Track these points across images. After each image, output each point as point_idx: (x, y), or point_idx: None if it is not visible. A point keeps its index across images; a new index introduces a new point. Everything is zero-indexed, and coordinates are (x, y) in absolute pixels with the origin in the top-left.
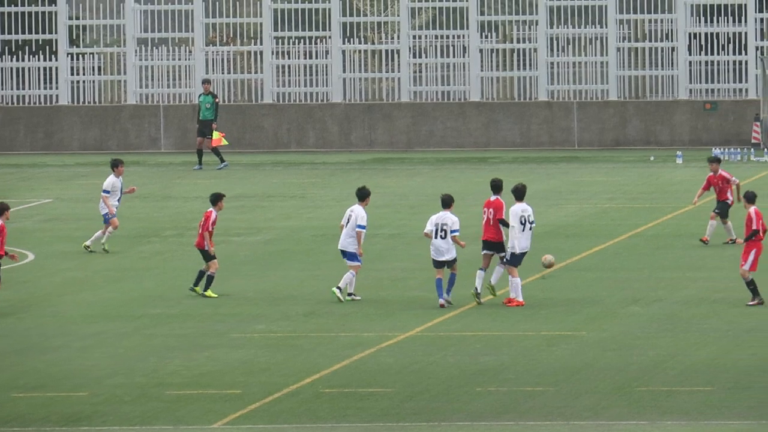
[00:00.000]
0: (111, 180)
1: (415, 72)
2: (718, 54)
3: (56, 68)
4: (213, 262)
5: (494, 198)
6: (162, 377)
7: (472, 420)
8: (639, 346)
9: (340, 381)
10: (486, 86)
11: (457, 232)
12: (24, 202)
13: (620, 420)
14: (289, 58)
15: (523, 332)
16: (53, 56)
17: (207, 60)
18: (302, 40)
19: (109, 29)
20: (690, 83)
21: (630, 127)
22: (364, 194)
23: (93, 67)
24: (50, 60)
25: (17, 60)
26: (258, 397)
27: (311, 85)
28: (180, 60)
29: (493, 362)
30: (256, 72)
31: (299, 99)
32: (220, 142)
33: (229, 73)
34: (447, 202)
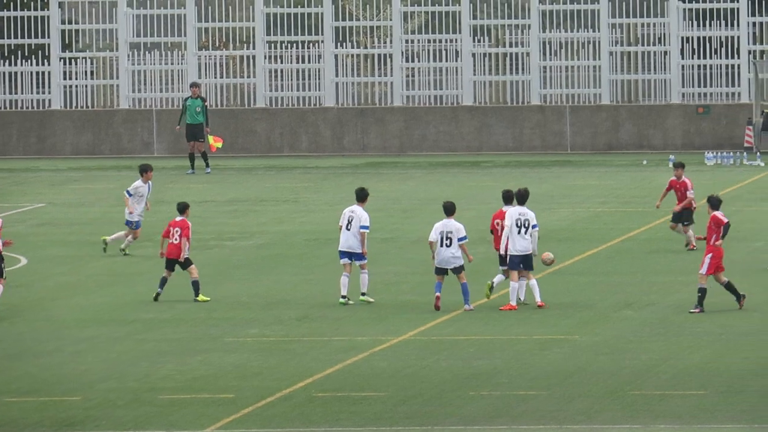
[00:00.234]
0: (137, 183)
1: (408, 76)
2: (711, 58)
3: (49, 73)
4: (192, 268)
5: (506, 208)
6: (155, 382)
7: (465, 424)
8: (632, 350)
9: (333, 385)
10: (479, 90)
11: (466, 239)
12: (17, 207)
13: (613, 424)
14: (282, 63)
15: (516, 336)
16: (46, 61)
17: (199, 64)
18: (295, 45)
19: (102, 34)
20: (683, 87)
21: (623, 131)
22: (365, 195)
23: (86, 72)
24: (43, 64)
25: (10, 64)
26: (251, 402)
27: (304, 90)
28: (172, 64)
29: (486, 366)
30: (249, 76)
31: (292, 103)
32: (215, 147)
33: (222, 78)
34: (450, 210)
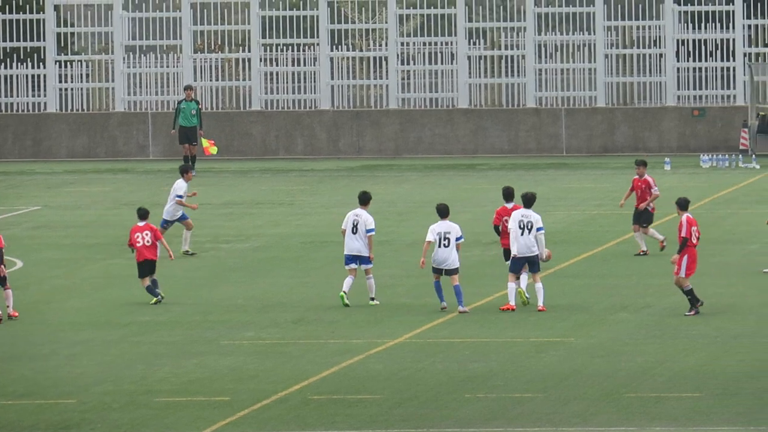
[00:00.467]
0: (182, 184)
1: (403, 79)
2: (706, 60)
3: (44, 76)
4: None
5: (510, 206)
6: (150, 384)
7: (461, 426)
8: (627, 353)
9: (329, 388)
10: (474, 93)
11: (462, 239)
12: (12, 210)
13: (609, 426)
14: (277, 65)
15: (512, 339)
16: (41, 64)
17: (195, 67)
18: (290, 47)
19: (97, 37)
20: (678, 90)
21: (618, 134)
22: (368, 198)
23: (81, 75)
24: (38, 67)
25: (5, 67)
26: (247, 404)
27: (299, 92)
28: (168, 67)
29: (482, 369)
30: (244, 79)
31: (287, 106)
32: (210, 152)
33: (217, 80)
34: (445, 212)
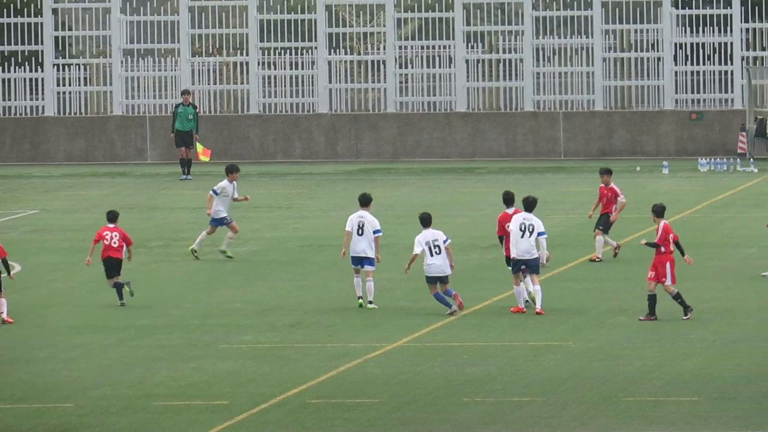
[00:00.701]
0: (223, 183)
1: (401, 82)
2: (704, 64)
3: (42, 79)
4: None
5: (511, 211)
6: (148, 388)
7: (459, 430)
8: (626, 357)
9: (327, 392)
10: (472, 96)
11: (449, 240)
12: (10, 213)
13: (607, 430)
14: (275, 69)
15: (510, 342)
16: (39, 67)
17: (193, 71)
18: (288, 51)
19: (95, 40)
20: (676, 93)
21: (616, 138)
22: (369, 199)
23: (79, 78)
24: (36, 71)
25: (3, 71)
26: (245, 408)
27: (297, 96)
28: (166, 71)
29: (480, 373)
30: (242, 83)
31: (285, 110)
32: (200, 157)
33: (215, 84)
34: (428, 221)
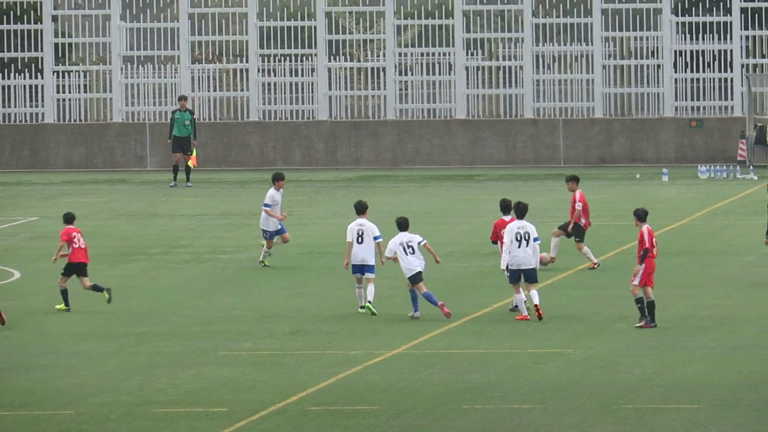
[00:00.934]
0: (271, 193)
1: (401, 89)
2: (704, 71)
3: (42, 86)
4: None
5: (509, 218)
6: (148, 395)
7: None
8: (625, 364)
9: (327, 399)
10: (472, 104)
11: (425, 241)
12: (10, 220)
13: None
14: (275, 76)
15: (510, 350)
16: (39, 74)
17: (193, 78)
18: (288, 58)
19: (95, 47)
20: (676, 101)
21: (616, 145)
22: (366, 207)
23: (79, 85)
24: (36, 78)
25: (3, 78)
26: (244, 415)
27: (297, 103)
28: (166, 78)
29: (480, 380)
30: (242, 90)
31: (285, 116)
32: (190, 163)
33: (215, 91)
34: (405, 225)
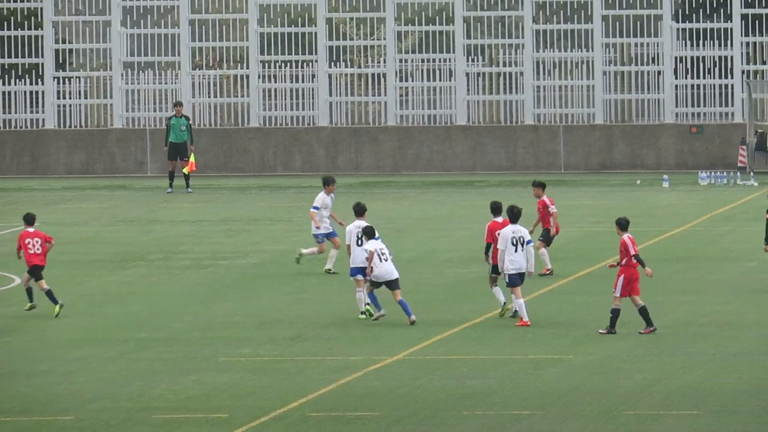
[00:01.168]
0: (321, 196)
1: (402, 96)
2: (705, 78)
3: (43, 92)
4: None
5: (501, 220)
6: (148, 401)
7: None
8: (626, 370)
9: (327, 405)
10: (472, 110)
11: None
12: (10, 227)
13: None
14: (276, 82)
15: (510, 356)
16: (40, 80)
17: (193, 84)
18: (289, 64)
19: (96, 53)
20: (676, 107)
21: (616, 151)
22: (364, 208)
23: (79, 91)
24: (37, 84)
25: (4, 84)
26: (244, 421)
27: (298, 109)
28: (166, 84)
29: (480, 386)
30: (243, 96)
31: (286, 123)
32: (185, 169)
33: (216, 97)
34: (372, 233)
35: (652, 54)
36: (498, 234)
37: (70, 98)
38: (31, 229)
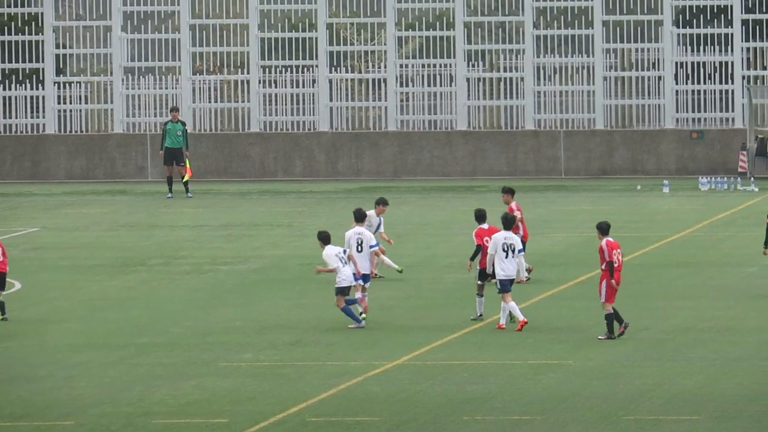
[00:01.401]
0: (370, 214)
1: (402, 101)
2: (705, 83)
3: (43, 97)
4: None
5: (487, 227)
6: (148, 406)
7: None
8: (625, 375)
9: (327, 410)
10: (473, 115)
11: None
12: (10, 231)
13: None
14: (276, 87)
15: (510, 361)
16: (40, 85)
17: (194, 89)
18: (289, 69)
19: (96, 58)
20: (677, 112)
21: (617, 156)
22: (364, 214)
23: (80, 96)
24: (37, 89)
25: (4, 89)
26: (245, 426)
27: (298, 114)
28: (167, 89)
29: (480, 391)
30: (243, 101)
31: (286, 128)
32: (183, 173)
33: (216, 102)
34: (328, 239)
35: (653, 59)
36: (487, 241)
37: (71, 103)
38: None
